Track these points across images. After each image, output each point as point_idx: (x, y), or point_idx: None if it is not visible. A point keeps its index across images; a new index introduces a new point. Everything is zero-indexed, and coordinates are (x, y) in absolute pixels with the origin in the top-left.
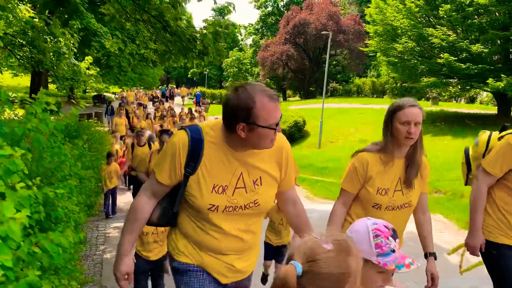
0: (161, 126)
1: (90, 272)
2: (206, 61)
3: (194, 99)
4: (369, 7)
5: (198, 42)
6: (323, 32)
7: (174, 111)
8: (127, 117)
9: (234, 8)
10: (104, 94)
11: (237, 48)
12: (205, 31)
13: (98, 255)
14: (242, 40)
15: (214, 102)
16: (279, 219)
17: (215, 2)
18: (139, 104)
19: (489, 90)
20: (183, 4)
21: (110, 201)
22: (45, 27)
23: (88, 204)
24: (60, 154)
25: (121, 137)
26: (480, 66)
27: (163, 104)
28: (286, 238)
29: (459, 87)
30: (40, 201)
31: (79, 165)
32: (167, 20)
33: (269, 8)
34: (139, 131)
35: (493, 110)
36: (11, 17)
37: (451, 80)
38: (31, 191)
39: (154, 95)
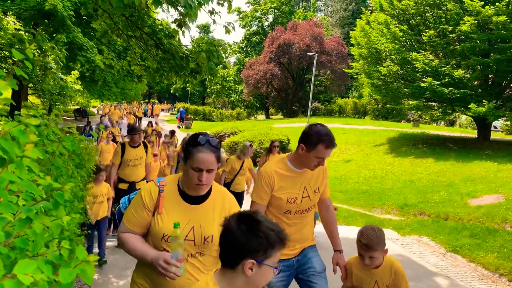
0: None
1: None
2: (198, 79)
3: (178, 115)
4: (353, 29)
5: (191, 60)
6: (309, 53)
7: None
8: (114, 140)
9: (234, 28)
10: (84, 107)
11: (221, 65)
12: (198, 50)
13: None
14: (226, 57)
15: (197, 118)
16: None
17: (214, 22)
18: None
19: (470, 114)
20: (186, 31)
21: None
22: (33, 41)
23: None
24: (76, 180)
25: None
26: (462, 91)
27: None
28: None
29: (441, 111)
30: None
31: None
32: (160, 37)
33: (254, 28)
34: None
35: (473, 133)
36: None
37: (433, 103)
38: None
39: (136, 114)
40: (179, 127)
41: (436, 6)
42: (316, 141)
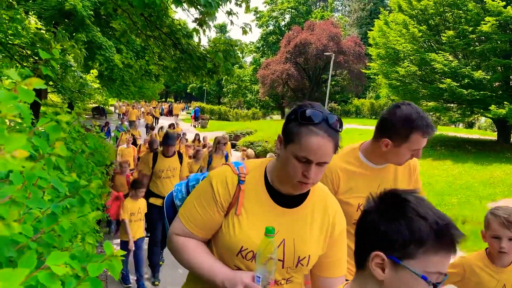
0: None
1: None
2: (215, 79)
3: (193, 114)
4: (370, 29)
5: (208, 61)
6: (326, 54)
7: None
8: (134, 144)
9: (250, 29)
10: (103, 106)
11: (237, 65)
12: (215, 50)
13: (102, 273)
14: (242, 57)
15: (212, 117)
16: None
17: (232, 23)
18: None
19: (490, 116)
20: (206, 29)
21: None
22: (53, 40)
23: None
24: (96, 177)
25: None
26: (482, 92)
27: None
28: None
29: (460, 112)
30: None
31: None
32: (178, 37)
33: (271, 27)
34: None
35: (492, 136)
36: (20, 28)
37: (451, 105)
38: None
39: (154, 114)
40: (194, 126)
41: (456, 6)
42: (408, 131)
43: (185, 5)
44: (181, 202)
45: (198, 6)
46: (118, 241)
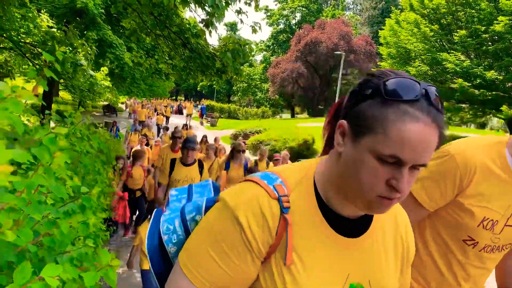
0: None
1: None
2: (224, 79)
3: (199, 111)
4: (381, 28)
5: (217, 60)
6: (337, 53)
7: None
8: (147, 144)
9: (260, 28)
10: (113, 105)
11: (247, 64)
12: (224, 49)
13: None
14: (252, 56)
15: (222, 116)
16: None
17: (241, 22)
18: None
19: (502, 117)
20: (213, 30)
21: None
22: (65, 38)
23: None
24: (102, 177)
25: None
26: (494, 92)
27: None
28: None
29: (471, 113)
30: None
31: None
32: (188, 37)
33: (281, 26)
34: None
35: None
36: (32, 26)
37: (463, 105)
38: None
39: (164, 114)
40: (201, 123)
41: (469, 6)
42: None
43: (192, 5)
44: (178, 246)
45: (205, 7)
46: (127, 242)
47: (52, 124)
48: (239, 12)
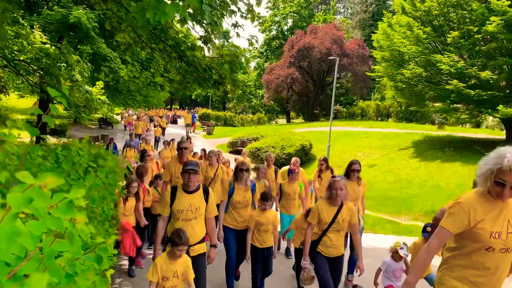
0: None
1: None
2: (221, 90)
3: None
4: (373, 31)
5: (214, 72)
6: (331, 58)
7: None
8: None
9: (257, 41)
10: (109, 119)
11: (241, 70)
12: (221, 61)
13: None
14: (247, 65)
15: (218, 123)
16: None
17: (238, 35)
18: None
19: (499, 116)
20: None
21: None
22: (60, 55)
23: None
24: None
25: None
26: (489, 92)
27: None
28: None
29: (467, 113)
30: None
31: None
32: (183, 49)
33: (274, 32)
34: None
35: (501, 134)
36: (26, 43)
37: (458, 105)
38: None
39: (161, 125)
40: (192, 131)
41: (460, 7)
42: None
43: (190, 23)
44: None
45: (203, 24)
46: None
47: (49, 139)
48: (235, 25)
